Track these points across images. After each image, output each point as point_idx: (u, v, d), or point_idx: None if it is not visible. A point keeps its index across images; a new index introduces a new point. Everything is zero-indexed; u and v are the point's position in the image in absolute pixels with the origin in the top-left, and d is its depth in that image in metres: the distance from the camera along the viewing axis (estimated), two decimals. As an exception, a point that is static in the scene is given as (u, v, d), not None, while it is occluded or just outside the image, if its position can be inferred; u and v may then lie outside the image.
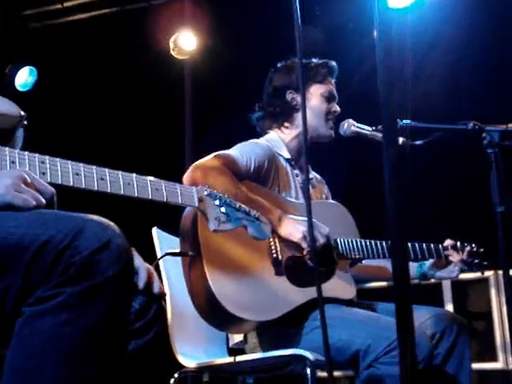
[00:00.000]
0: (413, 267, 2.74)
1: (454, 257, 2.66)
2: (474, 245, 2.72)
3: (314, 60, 2.84)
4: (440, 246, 2.68)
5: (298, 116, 2.79)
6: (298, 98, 2.77)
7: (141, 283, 1.72)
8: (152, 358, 1.77)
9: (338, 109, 2.81)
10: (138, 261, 1.74)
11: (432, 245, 2.67)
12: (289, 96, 2.79)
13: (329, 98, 2.80)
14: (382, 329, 2.25)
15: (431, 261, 2.69)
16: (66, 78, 4.44)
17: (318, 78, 2.79)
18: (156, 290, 1.76)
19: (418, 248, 2.64)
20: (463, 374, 2.45)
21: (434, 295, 4.26)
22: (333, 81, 2.85)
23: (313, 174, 2.92)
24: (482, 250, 2.72)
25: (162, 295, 1.78)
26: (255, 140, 2.76)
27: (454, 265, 2.67)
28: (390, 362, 2.17)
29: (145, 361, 1.73)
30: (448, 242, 2.69)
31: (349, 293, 2.56)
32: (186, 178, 2.46)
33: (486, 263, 2.71)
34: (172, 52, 4.84)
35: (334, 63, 2.86)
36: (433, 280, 3.68)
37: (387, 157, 1.35)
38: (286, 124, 2.80)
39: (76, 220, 1.44)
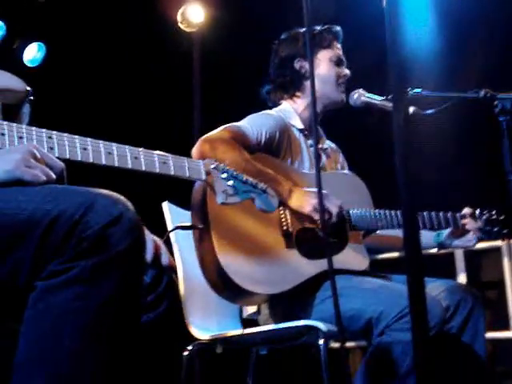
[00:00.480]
0: (430, 236, 2.71)
1: (472, 225, 2.62)
2: (493, 212, 2.67)
3: (318, 27, 2.80)
4: (457, 214, 2.64)
5: (308, 84, 2.76)
6: (307, 65, 2.75)
7: (148, 256, 1.72)
8: (165, 331, 1.78)
9: (347, 72, 2.79)
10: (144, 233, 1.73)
11: (449, 213, 2.63)
12: (297, 64, 2.77)
13: (337, 63, 2.78)
14: (394, 296, 2.25)
15: (449, 230, 2.65)
16: (74, 53, 4.43)
17: (325, 44, 2.77)
18: (165, 261, 1.76)
19: (434, 217, 2.60)
20: (478, 345, 2.45)
21: (447, 265, 4.25)
22: (339, 45, 2.83)
23: (327, 144, 2.89)
24: (502, 217, 2.67)
25: (172, 267, 1.79)
26: (267, 111, 2.74)
27: (471, 233, 2.63)
28: (402, 328, 2.18)
29: (158, 333, 1.74)
30: (466, 211, 2.64)
31: (361, 264, 2.55)
32: (194, 151, 2.45)
33: (505, 231, 2.67)
34: (180, 25, 4.81)
35: (338, 28, 2.83)
36: (448, 249, 3.69)
37: (397, 126, 1.33)
38: (298, 93, 2.78)
39: (86, 194, 1.45)
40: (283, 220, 2.43)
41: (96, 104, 4.37)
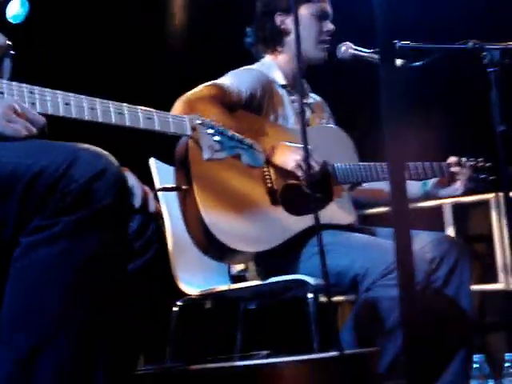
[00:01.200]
0: (416, 186, 2.69)
1: (459, 173, 2.61)
2: (479, 159, 2.66)
3: None
4: (443, 163, 2.63)
5: (289, 40, 2.70)
6: (287, 21, 2.67)
7: (137, 202, 1.71)
8: (154, 279, 1.78)
9: (331, 27, 2.69)
10: (132, 179, 1.71)
11: (434, 163, 2.62)
12: (278, 19, 2.68)
13: (320, 17, 2.68)
14: (380, 252, 2.26)
15: (435, 179, 2.65)
16: (58, 9, 4.35)
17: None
18: (152, 208, 1.75)
19: (420, 167, 2.59)
20: (463, 296, 2.46)
21: (435, 219, 4.26)
22: None
23: (312, 97, 2.84)
24: (488, 164, 2.66)
25: (160, 214, 1.78)
26: (248, 67, 2.69)
27: (458, 182, 2.63)
28: (387, 284, 2.20)
29: (145, 281, 1.74)
30: (452, 159, 2.63)
31: (348, 218, 2.55)
32: (172, 111, 2.41)
33: (492, 177, 2.66)
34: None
35: None
36: (436, 202, 3.69)
37: (383, 77, 1.31)
38: (279, 48, 2.71)
39: (69, 149, 1.43)
40: (267, 177, 2.42)
41: (80, 61, 4.31)
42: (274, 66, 2.69)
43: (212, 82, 2.52)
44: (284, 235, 2.37)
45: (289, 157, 2.41)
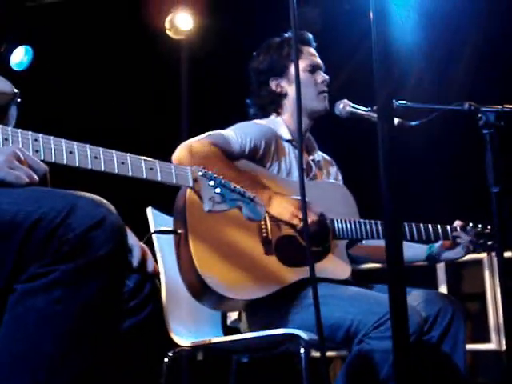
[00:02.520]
0: (420, 250, 2.72)
1: (462, 238, 2.64)
2: (480, 225, 2.69)
3: (286, 35, 2.76)
4: (448, 226, 2.66)
5: (288, 102, 2.75)
6: (283, 83, 2.74)
7: (135, 261, 1.73)
8: (146, 337, 1.78)
9: (325, 77, 2.75)
10: (132, 239, 1.74)
11: (439, 225, 2.65)
12: (272, 83, 2.75)
13: (312, 70, 2.75)
14: (373, 304, 2.27)
15: (439, 243, 2.67)
16: (61, 58, 4.42)
17: (294, 56, 2.74)
18: (150, 268, 1.76)
19: (422, 229, 2.62)
20: (458, 355, 2.45)
21: (428, 277, 4.27)
22: (311, 49, 2.79)
23: (320, 155, 2.88)
24: (488, 230, 2.69)
25: (156, 274, 1.79)
26: (256, 120, 2.74)
27: (461, 246, 2.65)
28: (380, 336, 2.19)
29: (139, 339, 1.74)
30: (457, 223, 2.67)
31: (343, 273, 2.55)
32: (173, 157, 2.45)
33: (490, 243, 2.69)
34: (168, 32, 4.81)
35: (306, 33, 2.79)
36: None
37: (382, 137, 1.34)
38: (279, 110, 2.77)
39: (69, 197, 1.44)
40: (263, 227, 2.43)
41: (83, 109, 4.36)
42: (279, 123, 2.74)
43: (216, 131, 2.56)
44: (276, 285, 2.38)
45: (285, 208, 2.43)
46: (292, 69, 2.72)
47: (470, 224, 2.68)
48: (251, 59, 2.83)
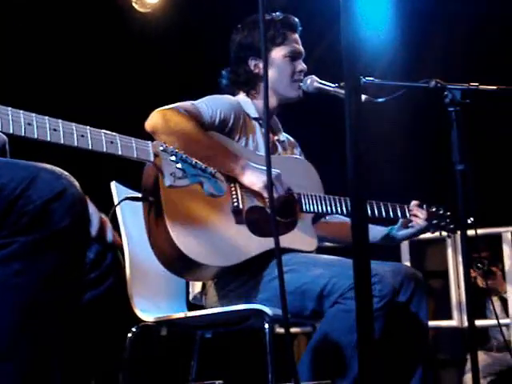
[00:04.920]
0: (380, 230, 2.74)
1: (419, 216, 2.67)
2: (440, 207, 2.73)
3: (276, 14, 2.74)
4: (405, 206, 2.69)
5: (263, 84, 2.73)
6: (261, 64, 2.70)
7: (93, 230, 1.69)
8: (108, 310, 1.76)
9: (304, 66, 2.73)
10: (91, 209, 1.70)
11: (398, 204, 2.68)
12: (251, 63, 2.71)
13: (293, 58, 2.72)
14: (346, 268, 2.30)
15: (399, 223, 2.70)
16: (24, 29, 4.33)
17: (279, 40, 2.69)
18: (110, 238, 1.73)
19: (382, 206, 2.65)
20: (419, 328, 2.49)
21: (392, 254, 4.31)
22: (295, 35, 2.76)
23: (284, 136, 2.88)
24: (447, 213, 2.73)
25: (117, 244, 1.76)
26: (224, 95, 2.72)
27: (417, 226, 2.68)
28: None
29: (101, 311, 1.72)
30: (414, 203, 2.70)
31: (310, 245, 2.58)
32: (147, 122, 2.43)
33: (451, 226, 2.73)
34: (134, 4, 4.73)
35: (293, 18, 2.76)
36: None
37: (349, 113, 1.33)
38: (253, 92, 2.74)
39: (29, 168, 1.41)
40: (234, 196, 2.44)
41: (47, 82, 4.28)
42: (248, 101, 2.72)
43: (187, 101, 2.54)
44: (246, 254, 2.39)
45: (257, 177, 2.43)
46: (274, 52, 2.69)
47: (424, 205, 2.70)
48: (234, 31, 2.78)
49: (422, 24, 4.40)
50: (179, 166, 1.98)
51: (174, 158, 1.98)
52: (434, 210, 2.71)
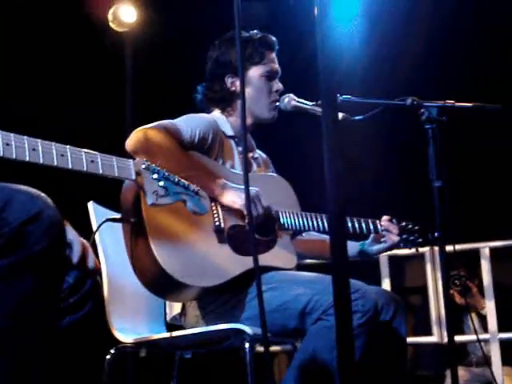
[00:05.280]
0: (354, 246, 2.76)
1: (391, 231, 2.69)
2: (409, 222, 2.75)
3: (253, 32, 2.75)
4: (377, 221, 2.71)
5: (239, 101, 2.73)
6: (238, 82, 2.69)
7: (75, 257, 1.67)
8: (87, 334, 1.74)
9: (280, 86, 2.74)
10: (72, 234, 1.69)
11: (370, 220, 2.70)
12: (228, 80, 2.70)
13: (270, 77, 2.72)
14: (327, 285, 2.28)
15: (371, 238, 2.72)
16: (2, 50, 4.31)
17: (256, 59, 2.69)
18: (91, 264, 1.71)
19: (355, 222, 2.66)
20: (400, 345, 2.49)
21: (371, 271, 4.32)
22: (273, 55, 2.76)
23: (258, 154, 2.89)
24: (416, 227, 2.75)
25: (97, 270, 1.74)
26: (201, 114, 2.72)
27: (389, 241, 2.69)
28: None
29: (79, 336, 1.70)
30: (384, 218, 2.72)
31: (290, 262, 2.58)
32: (128, 142, 2.42)
33: (420, 240, 2.75)
34: (111, 24, 4.73)
35: (270, 38, 2.76)
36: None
37: (326, 131, 1.34)
38: (228, 109, 2.74)
39: (4, 190, 1.40)
40: (215, 216, 2.43)
41: (25, 101, 4.26)
42: (223, 119, 2.72)
43: (166, 120, 2.54)
44: (229, 274, 2.38)
45: (238, 196, 2.44)
46: (251, 71, 2.69)
47: (394, 220, 2.72)
48: (212, 47, 2.78)
49: (394, 37, 4.45)
50: (161, 183, 1.97)
51: (156, 175, 1.97)
52: (403, 224, 2.73)
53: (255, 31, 2.76)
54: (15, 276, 1.34)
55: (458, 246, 3.43)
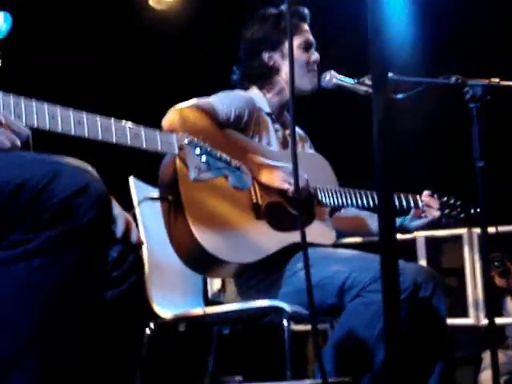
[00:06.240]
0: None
1: (432, 206, 2.66)
2: (451, 197, 2.72)
3: (284, 6, 2.73)
4: (418, 196, 2.69)
5: (279, 78, 2.72)
6: (276, 57, 2.70)
7: (119, 231, 1.68)
8: (128, 308, 1.75)
9: (317, 56, 2.73)
10: (117, 209, 1.70)
11: (410, 195, 2.68)
12: (265, 56, 2.70)
13: (306, 48, 2.72)
14: (367, 262, 2.32)
15: (411, 213, 2.69)
16: (42, 26, 4.33)
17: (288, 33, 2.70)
18: (134, 239, 1.72)
19: (396, 197, 2.64)
20: (440, 324, 2.48)
21: (408, 251, 4.30)
22: (306, 26, 2.75)
23: (295, 131, 2.88)
24: (458, 202, 2.73)
25: (140, 244, 1.76)
26: (238, 91, 2.71)
27: (430, 216, 2.67)
28: (378, 289, 2.20)
29: (121, 310, 1.72)
30: (425, 193, 2.70)
31: (329, 238, 2.58)
32: (164, 121, 2.43)
33: (462, 216, 2.72)
34: (151, 2, 4.73)
35: (302, 9, 2.75)
36: (410, 236, 3.73)
37: (377, 110, 1.32)
38: (267, 86, 2.73)
39: (52, 163, 1.40)
40: (252, 193, 2.44)
41: (65, 78, 4.29)
42: (261, 96, 2.71)
43: (202, 98, 2.54)
44: (267, 250, 2.39)
45: (275, 174, 2.44)
46: (287, 44, 2.67)
47: (435, 195, 2.70)
48: (244, 27, 2.77)
49: (438, 19, 4.38)
50: (204, 158, 1.97)
51: (198, 150, 1.97)
52: (445, 199, 2.70)
53: (285, 5, 2.73)
54: (62, 248, 1.35)
55: (500, 228, 3.40)
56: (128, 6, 4.59)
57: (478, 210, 2.27)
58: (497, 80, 2.33)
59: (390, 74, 2.45)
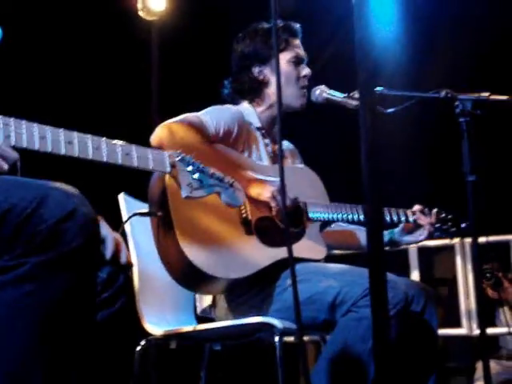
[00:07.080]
0: (384, 236, 2.73)
1: (423, 220, 2.66)
2: (441, 211, 2.72)
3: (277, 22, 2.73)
4: (408, 210, 2.68)
5: (269, 91, 2.72)
6: (266, 71, 2.69)
7: (108, 253, 1.68)
8: (119, 328, 1.74)
9: (308, 71, 2.72)
10: (105, 230, 1.69)
11: (400, 209, 2.67)
12: (255, 70, 2.69)
13: (296, 63, 2.70)
14: (357, 276, 2.30)
15: (400, 227, 2.69)
16: (31, 37, 4.32)
17: (281, 46, 2.67)
18: (123, 259, 1.71)
19: (388, 211, 2.64)
20: (431, 337, 2.48)
21: (401, 261, 4.30)
22: (297, 41, 2.74)
23: (285, 145, 2.88)
24: (450, 216, 2.72)
25: (129, 265, 1.75)
26: (227, 105, 2.71)
27: (422, 228, 2.67)
28: (369, 304, 2.19)
29: (111, 331, 1.71)
30: (416, 207, 2.69)
31: (319, 254, 2.56)
32: (152, 137, 2.42)
33: (453, 230, 2.72)
34: (140, 12, 4.73)
35: (293, 25, 2.74)
36: (401, 247, 3.73)
37: (364, 122, 1.31)
38: (257, 100, 2.72)
39: (39, 188, 1.40)
40: (242, 208, 2.43)
41: (53, 91, 4.28)
42: (250, 110, 2.71)
43: (191, 113, 2.53)
44: (257, 265, 2.37)
45: (264, 189, 2.44)
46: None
47: (426, 208, 2.69)
48: (235, 41, 2.77)
49: (427, 30, 4.39)
50: (196, 176, 1.96)
51: (190, 168, 1.95)
52: (435, 212, 2.70)
53: (278, 20, 2.73)
54: (52, 273, 1.35)
55: (490, 238, 3.40)
56: (118, 17, 4.58)
57: (468, 223, 2.27)
58: (486, 94, 2.34)
59: (380, 88, 2.46)
